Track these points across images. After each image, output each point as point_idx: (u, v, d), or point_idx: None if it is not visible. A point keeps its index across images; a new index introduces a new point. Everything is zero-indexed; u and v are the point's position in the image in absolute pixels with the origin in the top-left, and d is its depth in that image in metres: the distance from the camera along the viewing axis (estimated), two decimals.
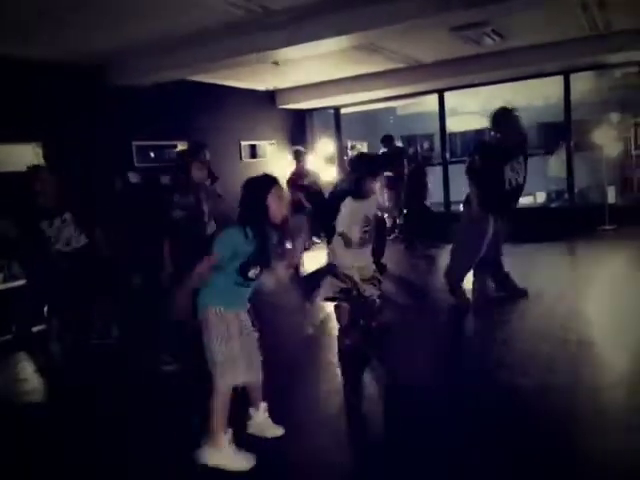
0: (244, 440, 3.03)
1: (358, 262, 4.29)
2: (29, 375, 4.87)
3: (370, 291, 4.28)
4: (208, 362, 2.93)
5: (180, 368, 4.39)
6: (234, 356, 2.89)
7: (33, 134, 6.05)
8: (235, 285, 2.95)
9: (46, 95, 6.21)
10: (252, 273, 2.95)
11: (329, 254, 4.38)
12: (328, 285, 4.26)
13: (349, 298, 4.30)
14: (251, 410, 3.22)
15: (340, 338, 4.42)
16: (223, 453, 2.88)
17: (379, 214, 4.71)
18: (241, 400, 3.10)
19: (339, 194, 4.54)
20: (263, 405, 3.22)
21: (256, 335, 3.17)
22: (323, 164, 10.33)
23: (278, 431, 3.22)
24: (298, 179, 7.82)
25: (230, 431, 2.93)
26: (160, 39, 5.96)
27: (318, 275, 4.22)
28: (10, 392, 4.47)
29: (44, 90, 6.20)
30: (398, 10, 5.29)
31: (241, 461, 2.88)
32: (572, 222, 8.96)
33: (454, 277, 5.57)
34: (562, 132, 9.63)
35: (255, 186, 2.97)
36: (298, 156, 8.48)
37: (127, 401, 4.01)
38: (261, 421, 3.21)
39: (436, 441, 3.08)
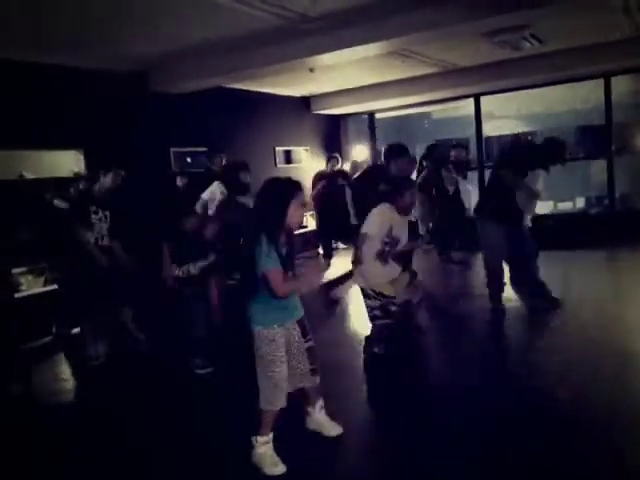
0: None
1: (387, 276, 4.29)
2: (68, 375, 5.01)
3: (411, 295, 4.31)
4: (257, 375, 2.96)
5: (214, 371, 4.48)
6: (277, 382, 2.90)
7: (75, 141, 6.22)
8: (273, 300, 2.86)
9: (87, 102, 6.38)
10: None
11: (356, 275, 4.37)
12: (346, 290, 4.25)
13: (386, 315, 4.30)
14: (309, 408, 3.25)
15: (366, 347, 4.42)
16: (260, 455, 2.94)
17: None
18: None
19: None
20: (319, 403, 3.24)
21: (308, 344, 3.07)
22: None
23: (335, 430, 3.25)
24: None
25: (271, 436, 2.97)
26: (198, 47, 6.07)
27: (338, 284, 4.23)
28: (50, 391, 4.59)
29: (85, 97, 6.38)
30: (434, 16, 5.28)
31: (273, 466, 2.91)
32: (613, 229, 8.74)
33: (490, 283, 5.54)
34: (603, 136, 9.42)
35: (279, 190, 2.89)
36: (330, 161, 8.64)
37: (165, 403, 4.08)
38: (319, 418, 3.25)
39: (467, 447, 3.04)
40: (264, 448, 2.95)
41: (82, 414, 4.11)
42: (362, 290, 4.44)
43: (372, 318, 4.40)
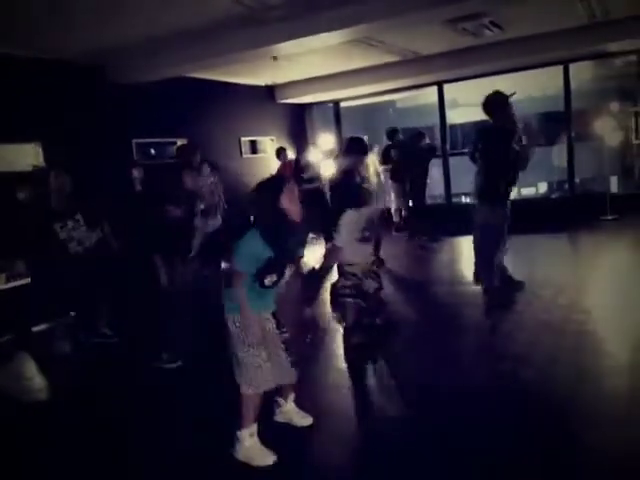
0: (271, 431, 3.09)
1: (360, 258, 4.29)
2: (33, 374, 4.89)
3: (370, 285, 4.25)
4: (233, 366, 2.96)
5: (182, 365, 4.43)
6: (259, 363, 2.90)
7: (33, 134, 6.06)
8: (255, 289, 2.88)
9: (46, 94, 6.21)
10: (268, 281, 2.87)
11: (327, 254, 4.34)
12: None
13: (356, 295, 4.28)
14: (280, 400, 3.27)
15: (346, 337, 4.42)
16: (248, 449, 2.93)
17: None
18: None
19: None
20: (292, 395, 3.27)
21: (284, 336, 3.09)
22: (323, 158, 10.33)
23: (307, 420, 3.27)
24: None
25: (255, 427, 2.96)
26: (158, 36, 5.96)
27: (316, 277, 4.21)
28: (14, 390, 4.48)
29: (44, 89, 6.21)
30: (395, 3, 5.29)
31: (263, 457, 2.92)
32: (574, 212, 8.96)
33: (485, 267, 5.41)
34: (562, 122, 9.62)
35: (267, 189, 2.92)
36: (279, 155, 8.57)
37: (133, 399, 4.04)
38: (289, 410, 3.27)
39: (443, 430, 3.10)
40: (250, 441, 2.93)
41: (51, 413, 4.01)
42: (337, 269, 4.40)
43: (342, 296, 4.35)
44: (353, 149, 4.77)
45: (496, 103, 5.18)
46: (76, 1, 4.69)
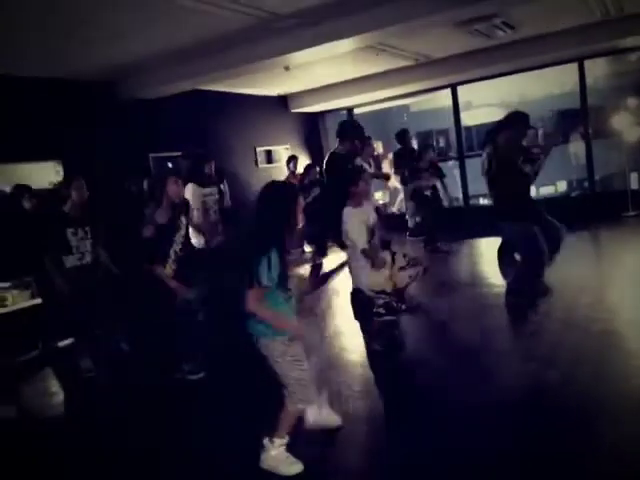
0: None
1: (381, 275, 4.32)
2: (57, 389, 4.95)
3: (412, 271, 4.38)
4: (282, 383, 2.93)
5: (205, 375, 4.42)
6: (307, 379, 2.91)
7: (52, 152, 6.17)
8: (284, 302, 2.86)
9: (63, 113, 6.34)
10: (287, 283, 2.84)
11: (352, 275, 4.40)
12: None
13: (389, 311, 4.34)
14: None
15: (367, 341, 4.45)
16: (274, 457, 2.92)
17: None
18: None
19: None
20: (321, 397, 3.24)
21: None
22: None
23: (335, 421, 3.28)
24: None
25: (287, 438, 2.95)
26: (171, 50, 6.05)
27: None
28: (39, 406, 4.55)
29: (61, 108, 6.33)
30: (406, 8, 5.30)
31: (290, 466, 2.91)
32: (594, 210, 8.84)
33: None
34: (579, 119, 9.52)
35: (284, 197, 2.84)
36: (290, 162, 8.64)
37: (161, 410, 4.07)
38: (321, 413, 3.24)
39: (459, 434, 3.07)
40: (279, 450, 2.92)
41: (74, 427, 4.05)
42: (361, 291, 4.44)
43: (376, 315, 4.43)
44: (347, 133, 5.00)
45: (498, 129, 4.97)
46: (90, 19, 4.77)
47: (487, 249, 7.02)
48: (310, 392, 2.94)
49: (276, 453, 2.92)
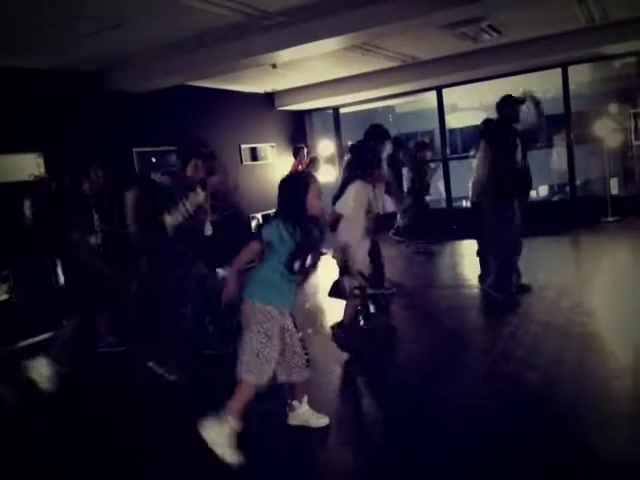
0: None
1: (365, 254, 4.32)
2: (35, 382, 4.86)
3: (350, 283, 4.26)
4: (239, 350, 2.97)
5: (185, 377, 4.29)
6: (267, 356, 2.92)
7: (33, 144, 6.08)
8: (281, 278, 2.98)
9: (45, 104, 6.24)
10: (296, 266, 2.97)
11: (338, 249, 4.34)
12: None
13: (362, 295, 4.30)
14: (294, 403, 3.27)
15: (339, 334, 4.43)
16: (215, 437, 2.84)
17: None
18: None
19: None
20: (305, 397, 3.28)
21: (299, 335, 3.17)
22: (323, 164, 10.34)
23: (323, 421, 3.28)
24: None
25: (236, 424, 2.88)
26: (158, 44, 6.00)
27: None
28: (16, 399, 4.48)
29: (43, 99, 6.24)
30: (393, 10, 5.31)
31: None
32: (575, 215, 8.96)
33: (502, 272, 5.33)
34: (562, 125, 9.63)
35: (295, 185, 3.05)
36: (297, 153, 8.56)
37: (136, 409, 4.03)
38: (305, 411, 3.27)
39: (441, 432, 3.09)
40: (224, 431, 2.84)
41: (52, 423, 3.99)
42: (341, 267, 4.41)
43: (350, 296, 4.37)
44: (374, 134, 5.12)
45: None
46: (77, 11, 4.71)
47: (469, 251, 7.09)
48: (264, 371, 2.92)
49: (217, 435, 2.84)
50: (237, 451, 2.86)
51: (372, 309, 4.36)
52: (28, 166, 6.04)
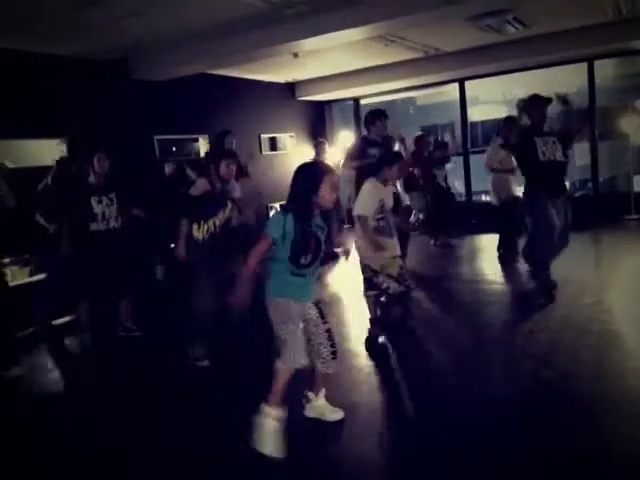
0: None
1: (383, 254, 4.23)
2: (52, 366, 4.94)
3: (394, 288, 4.26)
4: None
5: (212, 364, 4.32)
6: (294, 340, 2.94)
7: (57, 130, 6.13)
8: (291, 275, 2.96)
9: (69, 91, 6.29)
10: (303, 260, 2.92)
11: (357, 248, 4.36)
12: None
13: (378, 293, 4.30)
14: (310, 394, 3.27)
15: (371, 330, 4.46)
16: (265, 431, 2.88)
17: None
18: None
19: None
20: (322, 390, 3.27)
21: (327, 326, 3.13)
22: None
23: (338, 414, 3.27)
24: None
25: (280, 411, 2.92)
26: (181, 33, 6.01)
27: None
28: (36, 383, 4.56)
29: (67, 86, 6.28)
30: (418, 1, 5.25)
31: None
32: (597, 211, 8.83)
33: (538, 260, 5.34)
34: (587, 120, 9.47)
35: (310, 174, 2.99)
36: (317, 147, 8.51)
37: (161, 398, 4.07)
38: (321, 404, 3.27)
39: (457, 430, 3.08)
40: (271, 422, 2.88)
41: (69, 406, 4.01)
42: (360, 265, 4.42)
43: (366, 292, 4.41)
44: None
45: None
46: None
47: (489, 245, 7.07)
48: (295, 356, 2.92)
49: (267, 424, 2.87)
50: (282, 444, 2.87)
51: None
52: (52, 152, 6.10)
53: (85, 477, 3.02)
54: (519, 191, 6.93)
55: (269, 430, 2.88)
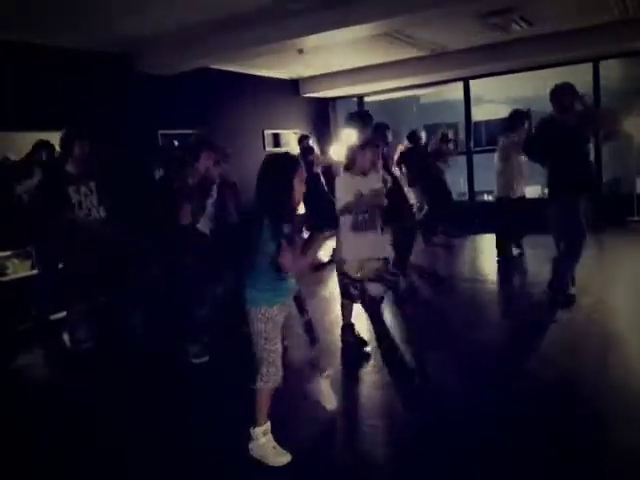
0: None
1: (361, 254, 4.00)
2: (50, 362, 4.93)
3: (375, 290, 4.05)
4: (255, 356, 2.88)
5: (210, 359, 4.32)
6: (274, 358, 2.81)
7: (60, 122, 6.10)
8: (274, 281, 2.78)
9: (73, 83, 6.27)
10: (284, 263, 2.67)
11: (335, 248, 4.26)
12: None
13: (350, 296, 4.12)
14: (314, 374, 3.24)
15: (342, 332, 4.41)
16: (263, 447, 2.86)
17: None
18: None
19: None
20: (327, 371, 3.27)
21: (306, 318, 3.12)
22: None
23: (332, 403, 3.28)
24: None
25: (269, 424, 2.89)
26: (186, 27, 5.99)
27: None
28: (32, 377, 4.54)
29: (71, 78, 6.27)
30: None
31: (276, 457, 2.85)
32: (600, 212, 8.78)
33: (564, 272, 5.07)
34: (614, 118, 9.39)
35: (282, 167, 2.73)
36: (301, 142, 8.30)
37: (158, 392, 4.06)
38: (321, 385, 3.25)
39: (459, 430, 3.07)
40: (264, 439, 2.85)
41: (62, 403, 3.95)
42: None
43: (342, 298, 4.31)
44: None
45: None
46: None
47: (490, 245, 7.04)
48: (272, 374, 2.81)
49: (261, 442, 2.85)
50: (284, 450, 2.86)
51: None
52: (56, 144, 6.08)
53: (85, 477, 3.02)
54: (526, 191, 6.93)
55: (267, 446, 2.86)
